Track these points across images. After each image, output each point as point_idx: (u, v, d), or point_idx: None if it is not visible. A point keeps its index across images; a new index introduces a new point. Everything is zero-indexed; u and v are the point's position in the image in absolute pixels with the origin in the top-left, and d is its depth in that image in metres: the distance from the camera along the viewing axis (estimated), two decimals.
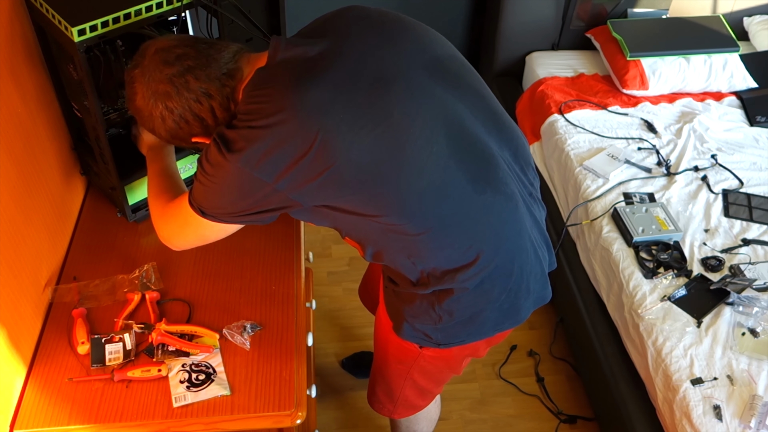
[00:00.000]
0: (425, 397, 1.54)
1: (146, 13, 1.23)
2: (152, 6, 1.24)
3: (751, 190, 2.19)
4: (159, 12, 1.25)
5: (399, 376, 1.43)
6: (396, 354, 1.38)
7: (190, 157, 1.51)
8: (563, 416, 2.16)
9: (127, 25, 1.22)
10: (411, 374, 1.40)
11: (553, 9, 2.78)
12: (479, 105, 1.12)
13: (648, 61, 2.58)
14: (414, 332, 1.25)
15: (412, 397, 1.51)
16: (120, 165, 1.42)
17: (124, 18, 1.21)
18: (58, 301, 1.35)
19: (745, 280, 1.86)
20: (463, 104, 1.09)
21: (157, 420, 1.18)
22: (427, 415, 1.69)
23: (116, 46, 1.27)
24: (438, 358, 1.34)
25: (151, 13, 1.24)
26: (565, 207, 2.33)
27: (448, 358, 1.35)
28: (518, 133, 1.20)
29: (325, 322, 2.41)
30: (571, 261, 2.24)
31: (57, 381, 1.22)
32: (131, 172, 1.44)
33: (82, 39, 1.16)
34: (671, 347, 1.73)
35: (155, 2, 1.23)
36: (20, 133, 1.26)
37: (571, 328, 2.25)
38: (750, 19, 2.89)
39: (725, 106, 2.58)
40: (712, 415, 1.60)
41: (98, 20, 1.17)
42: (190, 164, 1.53)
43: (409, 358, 1.35)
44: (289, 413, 1.20)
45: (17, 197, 1.23)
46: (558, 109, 2.51)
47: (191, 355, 1.26)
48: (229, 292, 1.38)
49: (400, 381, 1.44)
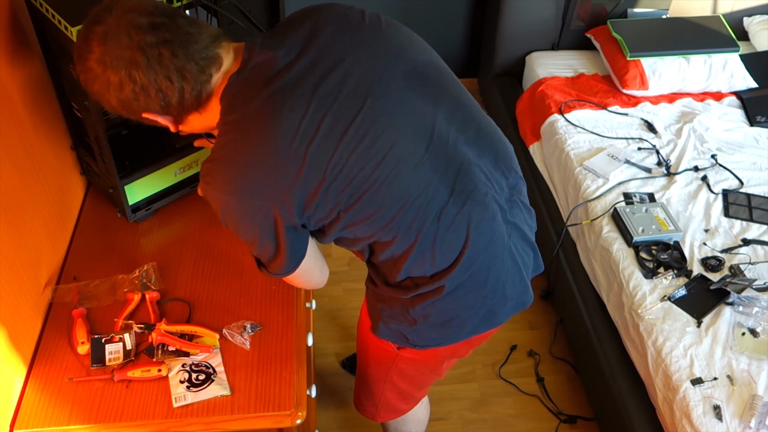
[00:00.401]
0: (407, 401, 1.54)
1: None
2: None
3: (751, 190, 2.19)
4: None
5: (379, 379, 1.44)
6: (375, 355, 1.39)
7: (191, 156, 1.51)
8: (563, 416, 2.16)
9: None
10: (390, 376, 1.41)
11: (553, 9, 2.78)
12: (458, 113, 1.12)
13: (648, 61, 2.58)
14: (390, 332, 1.26)
15: (393, 401, 1.51)
16: (120, 165, 1.42)
17: None
18: (58, 301, 1.35)
19: (745, 280, 1.86)
20: (442, 113, 1.09)
21: (157, 420, 1.18)
22: (414, 417, 1.69)
23: None
24: (416, 360, 1.35)
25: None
26: (565, 207, 2.33)
27: (427, 359, 1.35)
28: (499, 137, 1.19)
29: (325, 322, 2.41)
30: (571, 261, 2.24)
31: (57, 381, 1.22)
32: (131, 172, 1.44)
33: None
34: (671, 347, 1.73)
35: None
36: (20, 133, 1.26)
37: (571, 328, 2.25)
38: (750, 19, 2.89)
39: (725, 106, 2.58)
40: (712, 415, 1.60)
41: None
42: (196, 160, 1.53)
43: (387, 359, 1.36)
44: (289, 413, 1.20)
45: (17, 197, 1.23)
46: (558, 109, 2.51)
47: (191, 355, 1.26)
48: (229, 292, 1.38)
49: (380, 384, 1.45)
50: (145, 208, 1.50)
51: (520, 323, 2.43)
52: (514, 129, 2.76)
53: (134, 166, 1.45)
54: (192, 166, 1.53)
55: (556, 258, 2.32)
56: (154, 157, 1.47)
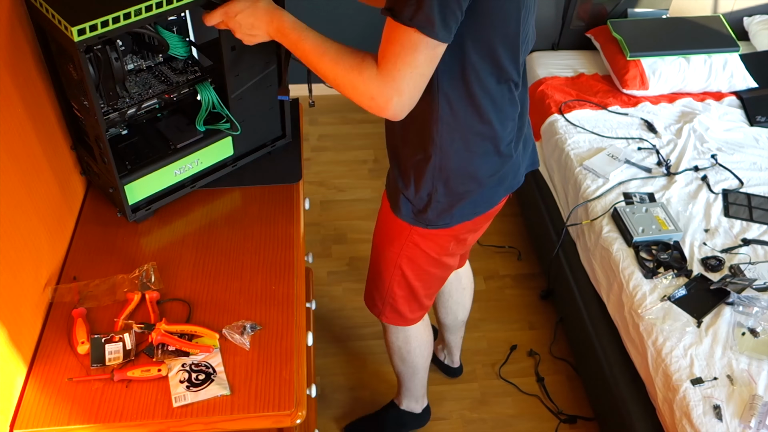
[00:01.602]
0: (411, 305, 1.64)
1: (146, 13, 1.23)
2: (152, 5, 1.23)
3: (751, 190, 2.19)
4: (159, 12, 1.25)
5: (389, 264, 1.55)
6: (389, 234, 1.51)
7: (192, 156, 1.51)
8: (563, 416, 2.16)
9: (127, 24, 1.22)
10: (400, 262, 1.53)
11: (553, 9, 2.78)
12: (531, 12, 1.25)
13: (648, 61, 2.58)
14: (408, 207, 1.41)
15: (399, 301, 1.62)
16: (120, 165, 1.42)
17: (124, 17, 1.21)
18: (58, 301, 1.35)
19: (745, 280, 1.86)
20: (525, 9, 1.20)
21: (157, 420, 1.18)
22: (417, 335, 1.77)
23: (116, 46, 1.28)
24: (425, 238, 1.46)
25: (151, 13, 1.24)
26: (565, 207, 2.33)
27: (435, 240, 1.46)
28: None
29: (325, 322, 2.41)
30: (571, 261, 2.24)
31: (57, 381, 1.22)
32: (131, 171, 1.44)
33: (82, 39, 1.16)
34: (671, 347, 1.73)
35: (155, 2, 1.23)
36: (20, 132, 1.26)
37: (571, 328, 2.25)
38: (750, 19, 2.89)
39: (725, 106, 2.58)
40: (712, 415, 1.60)
41: (98, 20, 1.16)
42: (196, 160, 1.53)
43: (401, 237, 1.48)
44: (289, 413, 1.20)
45: (17, 197, 1.24)
46: (558, 109, 2.51)
47: (191, 355, 1.26)
48: (228, 292, 1.38)
49: (390, 270, 1.56)
50: (145, 208, 1.50)
51: (520, 323, 2.43)
52: None
53: (134, 166, 1.45)
54: (192, 165, 1.53)
55: (556, 258, 2.32)
56: (153, 156, 1.47)
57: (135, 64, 1.45)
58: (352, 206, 2.53)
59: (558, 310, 2.39)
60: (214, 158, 1.57)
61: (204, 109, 1.49)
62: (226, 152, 1.58)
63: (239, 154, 1.61)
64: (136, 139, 1.50)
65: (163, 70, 1.48)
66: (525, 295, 2.54)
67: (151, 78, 1.46)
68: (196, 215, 1.55)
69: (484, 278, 2.58)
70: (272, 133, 1.65)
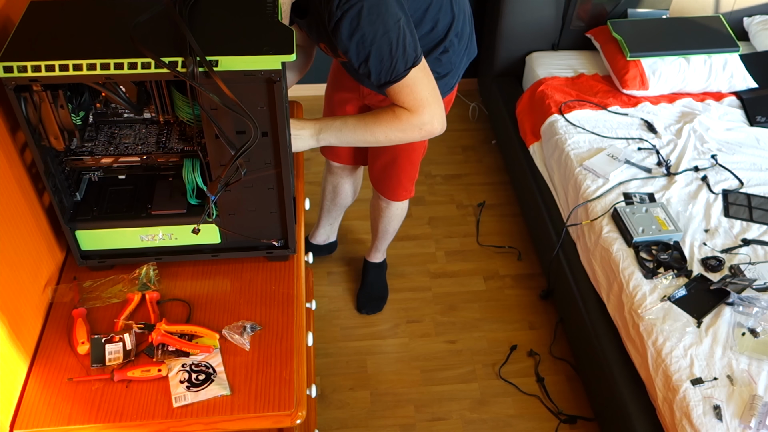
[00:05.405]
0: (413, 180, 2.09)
1: (87, 71, 1.06)
2: (109, 65, 1.06)
3: (751, 191, 2.19)
4: (105, 73, 1.06)
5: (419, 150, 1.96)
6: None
7: (162, 228, 1.39)
8: (563, 416, 2.16)
9: (65, 76, 1.06)
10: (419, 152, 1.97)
11: (553, 9, 2.78)
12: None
13: (648, 61, 2.58)
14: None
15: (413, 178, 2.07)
16: (86, 207, 1.32)
17: (60, 69, 1.05)
18: (58, 301, 1.35)
19: (745, 280, 1.86)
20: None
21: (157, 420, 1.18)
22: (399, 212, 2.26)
23: (60, 95, 1.13)
24: None
25: (94, 72, 1.06)
26: (565, 207, 2.33)
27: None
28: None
29: (325, 322, 2.41)
30: (571, 261, 2.24)
31: (57, 381, 1.22)
32: (91, 219, 1.32)
33: (9, 76, 1.05)
34: (671, 347, 1.73)
35: (100, 63, 1.06)
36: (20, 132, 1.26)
37: (571, 328, 2.25)
38: (750, 19, 2.89)
39: (725, 106, 2.58)
40: (712, 415, 1.60)
41: (29, 63, 1.05)
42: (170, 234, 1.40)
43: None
44: (289, 413, 1.20)
45: (17, 197, 1.23)
46: (558, 110, 2.51)
47: (191, 355, 1.26)
48: (228, 292, 1.38)
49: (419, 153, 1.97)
50: (98, 259, 1.37)
51: (520, 323, 2.44)
52: (514, 129, 2.77)
53: (99, 215, 1.33)
54: (165, 238, 1.38)
55: (556, 258, 2.32)
56: (126, 213, 1.34)
57: (128, 115, 1.33)
58: (352, 206, 2.53)
59: (558, 310, 2.39)
60: (195, 239, 1.39)
61: (189, 187, 1.34)
62: (211, 239, 1.40)
63: (226, 246, 1.42)
64: (130, 188, 1.38)
65: (171, 130, 1.35)
66: (525, 295, 2.54)
67: (151, 135, 1.33)
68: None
69: (484, 278, 2.59)
70: (269, 238, 1.41)
